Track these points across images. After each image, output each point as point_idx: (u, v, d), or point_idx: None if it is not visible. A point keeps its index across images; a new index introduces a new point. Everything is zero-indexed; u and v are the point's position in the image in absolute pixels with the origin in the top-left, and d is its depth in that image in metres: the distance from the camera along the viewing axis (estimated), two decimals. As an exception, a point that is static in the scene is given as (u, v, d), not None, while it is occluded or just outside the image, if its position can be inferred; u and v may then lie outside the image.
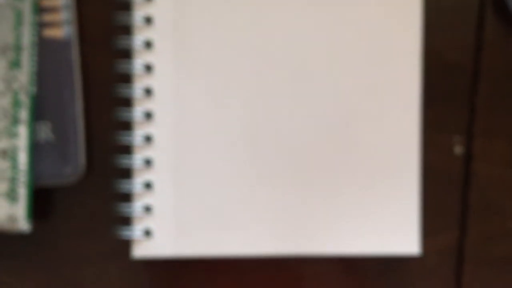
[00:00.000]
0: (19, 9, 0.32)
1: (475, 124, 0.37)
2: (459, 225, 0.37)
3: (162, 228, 0.34)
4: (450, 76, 0.37)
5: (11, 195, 0.32)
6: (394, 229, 0.35)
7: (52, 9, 0.33)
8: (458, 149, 0.37)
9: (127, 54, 0.34)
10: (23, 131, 0.32)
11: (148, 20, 0.34)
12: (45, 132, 0.33)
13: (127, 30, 0.34)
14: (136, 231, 0.34)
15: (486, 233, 0.37)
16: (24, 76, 0.32)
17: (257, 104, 0.34)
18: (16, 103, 0.32)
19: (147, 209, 0.34)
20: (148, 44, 0.34)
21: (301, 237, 0.35)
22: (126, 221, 0.35)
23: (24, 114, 0.32)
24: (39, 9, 0.33)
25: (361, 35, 0.35)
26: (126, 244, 0.35)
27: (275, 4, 0.34)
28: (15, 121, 0.32)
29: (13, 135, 0.32)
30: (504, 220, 0.37)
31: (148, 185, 0.34)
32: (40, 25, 0.33)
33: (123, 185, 0.34)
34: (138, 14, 0.34)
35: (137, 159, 0.34)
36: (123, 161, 0.34)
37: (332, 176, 0.35)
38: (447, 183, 0.37)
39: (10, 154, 0.32)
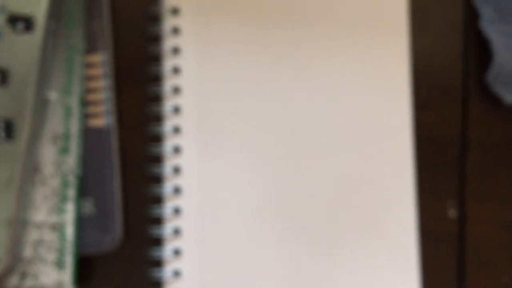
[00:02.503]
0: (68, 104, 0.38)
1: (466, 189, 0.41)
2: (456, 282, 0.41)
3: (190, 290, 0.38)
4: (440, 147, 0.41)
5: (59, 264, 0.37)
6: (396, 286, 0.39)
7: (95, 102, 0.39)
8: (452, 213, 0.41)
9: (158, 138, 0.39)
10: (70, 208, 0.37)
11: (177, 110, 0.39)
12: (89, 207, 0.38)
13: (158, 118, 0.39)
14: (166, 293, 0.38)
15: (482, 288, 0.41)
16: (71, 160, 0.38)
17: (271, 180, 0.39)
18: (64, 184, 0.38)
19: (176, 273, 0.38)
20: (176, 130, 0.39)
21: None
22: (158, 284, 0.39)
23: (71, 192, 0.38)
24: (84, 103, 0.39)
25: (359, 115, 0.40)
26: (158, 306, 0.39)
27: (285, 97, 0.40)
28: (63, 199, 0.38)
29: (61, 211, 0.37)
30: (498, 275, 0.41)
31: (177, 252, 0.39)
32: (85, 116, 0.39)
33: (155, 252, 0.39)
34: (168, 104, 0.39)
35: (167, 228, 0.39)
36: (155, 231, 0.39)
37: (339, 240, 0.39)
38: (443, 243, 0.41)
39: (59, 228, 0.37)
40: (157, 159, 0.39)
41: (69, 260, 0.37)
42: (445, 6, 0.42)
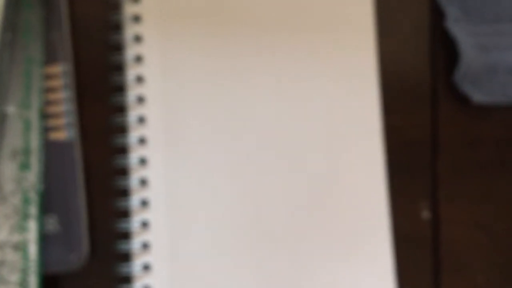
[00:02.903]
0: (27, 118, 0.37)
1: (438, 190, 0.41)
2: (432, 284, 0.40)
3: (161, 306, 0.37)
4: (411, 149, 0.41)
5: (23, 284, 0.35)
6: (373, 292, 0.38)
7: (56, 115, 0.38)
8: (426, 214, 0.41)
9: (123, 149, 0.38)
10: (32, 225, 0.36)
11: (141, 120, 0.38)
12: (52, 224, 0.37)
13: (122, 129, 0.38)
14: (137, 310, 0.37)
15: (458, 289, 0.41)
16: (33, 176, 0.36)
17: (240, 189, 0.38)
18: (26, 201, 0.36)
19: (147, 289, 0.37)
20: (142, 140, 0.38)
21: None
22: (128, 301, 0.38)
23: (33, 210, 0.36)
24: (44, 116, 0.37)
25: (329, 120, 0.39)
26: (129, 323, 0.38)
27: (252, 103, 0.39)
28: (25, 216, 0.36)
29: (24, 229, 0.36)
30: (473, 276, 0.41)
31: (146, 267, 0.37)
32: (46, 129, 0.37)
33: (123, 268, 0.38)
34: (132, 114, 0.38)
35: (136, 243, 0.37)
36: (123, 246, 0.38)
37: (311, 245, 0.38)
38: (418, 245, 0.40)
39: (21, 247, 0.36)
40: (123, 172, 0.38)
41: (33, 280, 0.36)
42: (411, 7, 0.42)
